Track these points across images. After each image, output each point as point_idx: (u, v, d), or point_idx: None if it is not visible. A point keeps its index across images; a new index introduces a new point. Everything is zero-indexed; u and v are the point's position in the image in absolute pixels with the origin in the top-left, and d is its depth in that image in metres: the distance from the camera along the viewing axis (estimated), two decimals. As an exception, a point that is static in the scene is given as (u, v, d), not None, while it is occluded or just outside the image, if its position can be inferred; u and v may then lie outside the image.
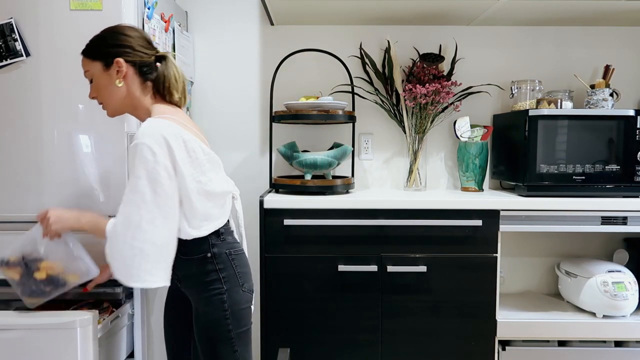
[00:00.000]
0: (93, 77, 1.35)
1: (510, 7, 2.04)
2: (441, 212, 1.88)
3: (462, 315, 1.90)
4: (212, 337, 1.36)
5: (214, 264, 1.37)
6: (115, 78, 1.33)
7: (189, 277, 1.38)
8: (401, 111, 2.26)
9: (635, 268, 2.09)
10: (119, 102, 1.36)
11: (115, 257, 1.27)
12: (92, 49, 1.35)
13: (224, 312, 1.36)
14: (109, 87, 1.34)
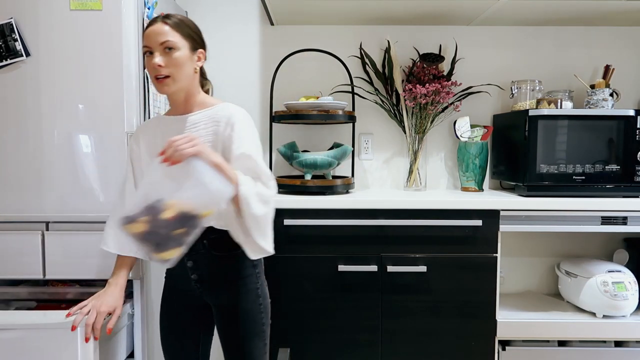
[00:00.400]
0: (175, 50, 1.33)
1: (510, 7, 2.04)
2: (441, 212, 1.88)
3: (462, 315, 1.90)
4: (248, 332, 1.39)
5: (250, 259, 1.39)
6: (194, 64, 1.38)
7: (223, 273, 1.40)
8: (401, 111, 2.26)
9: (635, 268, 2.09)
10: (185, 83, 1.37)
11: (268, 220, 1.31)
12: (185, 27, 1.37)
13: (259, 306, 1.41)
14: (185, 67, 1.35)
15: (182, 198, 1.20)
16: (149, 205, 1.19)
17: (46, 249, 1.63)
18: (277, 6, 2.06)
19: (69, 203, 1.62)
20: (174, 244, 1.19)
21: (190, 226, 1.19)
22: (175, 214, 1.19)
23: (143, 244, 1.20)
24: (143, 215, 1.19)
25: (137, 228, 1.20)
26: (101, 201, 1.62)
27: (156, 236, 1.19)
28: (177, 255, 1.20)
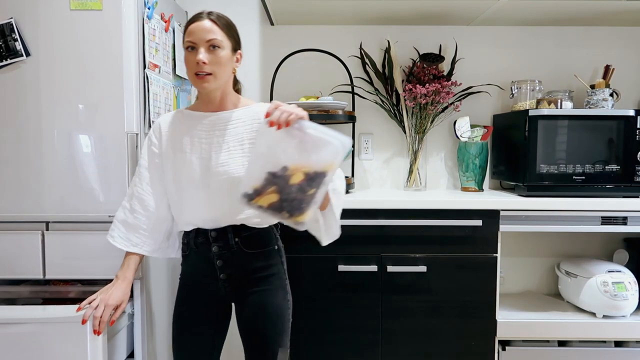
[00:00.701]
0: (220, 49, 1.34)
1: (510, 7, 2.04)
2: (441, 212, 1.88)
3: (462, 315, 1.90)
4: (277, 329, 1.40)
5: (279, 256, 1.44)
6: (233, 64, 1.40)
7: (254, 271, 1.40)
8: (401, 111, 2.26)
9: (635, 268, 2.09)
10: (224, 82, 1.38)
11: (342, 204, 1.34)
12: (230, 27, 1.39)
13: (287, 302, 1.43)
14: (227, 66, 1.36)
15: (303, 160, 1.19)
16: (272, 174, 1.18)
17: (46, 249, 1.63)
18: (277, 6, 2.06)
19: (69, 203, 1.62)
20: (307, 205, 1.18)
21: (319, 184, 1.18)
22: (303, 176, 1.18)
23: (276, 213, 1.20)
24: (269, 185, 1.19)
25: (268, 199, 1.20)
26: (101, 201, 1.61)
27: (289, 202, 1.18)
28: (310, 216, 1.20)
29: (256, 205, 1.20)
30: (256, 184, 1.19)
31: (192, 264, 1.45)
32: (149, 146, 1.44)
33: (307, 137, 1.19)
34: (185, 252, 1.47)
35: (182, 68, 2.05)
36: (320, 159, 1.18)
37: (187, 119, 1.42)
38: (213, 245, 1.40)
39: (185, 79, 2.13)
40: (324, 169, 1.18)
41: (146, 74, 1.67)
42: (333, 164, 1.18)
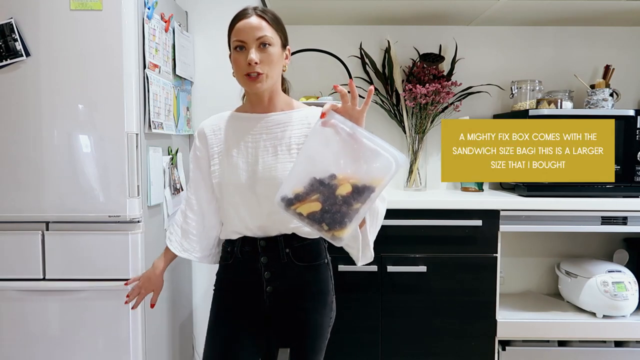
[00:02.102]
0: (271, 45, 1.25)
1: (510, 7, 2.04)
2: (441, 212, 1.88)
3: (462, 315, 1.90)
4: (316, 346, 1.31)
5: (328, 271, 1.34)
6: (283, 61, 1.32)
7: (303, 285, 1.30)
8: (401, 111, 2.26)
9: (635, 268, 2.09)
10: (275, 81, 1.30)
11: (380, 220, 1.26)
12: (278, 21, 1.30)
13: (329, 320, 1.34)
14: (279, 64, 1.29)
15: (354, 170, 1.09)
16: (318, 181, 1.09)
17: (46, 249, 1.63)
18: (277, 6, 2.06)
19: (69, 203, 1.61)
20: (349, 220, 1.09)
21: (365, 199, 1.08)
22: (350, 188, 1.08)
23: (314, 224, 1.10)
24: (313, 192, 1.09)
25: (309, 208, 1.10)
26: (101, 201, 1.61)
27: (331, 214, 1.09)
28: (351, 232, 1.11)
29: (295, 212, 1.11)
30: (298, 188, 1.10)
31: (234, 273, 1.35)
32: (194, 151, 1.38)
33: (360, 147, 1.10)
34: (227, 260, 1.36)
35: (182, 68, 2.05)
36: (370, 171, 1.09)
37: (233, 121, 1.34)
38: (262, 256, 1.30)
39: (186, 79, 2.13)
40: (373, 183, 1.08)
41: (146, 74, 1.67)
42: (383, 179, 1.08)
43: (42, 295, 1.65)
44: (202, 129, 1.38)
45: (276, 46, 1.26)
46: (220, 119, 1.36)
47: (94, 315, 1.63)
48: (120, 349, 1.65)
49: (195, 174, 1.39)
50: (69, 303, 1.64)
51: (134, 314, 1.65)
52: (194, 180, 1.39)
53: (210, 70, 2.32)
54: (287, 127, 1.30)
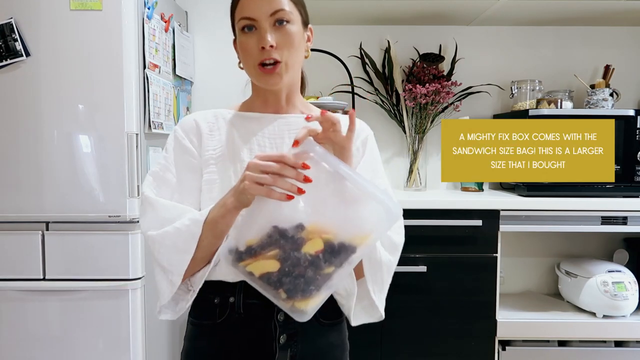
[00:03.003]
0: (290, 23, 0.94)
1: (510, 7, 2.04)
2: (441, 212, 1.88)
3: (462, 315, 1.90)
4: None
5: (346, 328, 1.07)
6: (304, 43, 0.99)
7: (328, 350, 1.02)
8: (401, 111, 2.26)
9: (635, 268, 2.09)
10: (297, 71, 0.99)
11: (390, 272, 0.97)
12: None
13: None
14: (300, 47, 0.96)
15: (330, 220, 0.81)
16: (279, 231, 0.81)
17: (46, 249, 1.63)
18: (277, 6, 2.05)
19: (69, 203, 1.61)
20: (315, 289, 0.81)
21: (341, 262, 0.81)
22: (322, 246, 0.80)
23: (269, 288, 0.82)
24: (271, 246, 0.81)
25: (263, 267, 0.81)
26: (101, 201, 1.61)
27: (293, 279, 0.80)
28: (318, 303, 0.82)
29: (244, 270, 0.82)
30: (253, 238, 0.82)
31: (227, 340, 0.94)
32: (180, 141, 1.00)
33: (342, 189, 0.81)
34: (211, 318, 0.95)
35: (182, 68, 2.05)
36: (353, 224, 0.82)
37: (238, 121, 1.01)
38: (278, 311, 0.92)
39: (186, 79, 2.12)
40: (354, 241, 0.81)
41: (146, 74, 1.67)
42: (369, 236, 0.82)
43: (42, 295, 1.65)
44: (194, 121, 1.01)
45: (296, 24, 0.95)
46: (217, 117, 1.02)
47: (94, 315, 1.63)
48: (120, 349, 1.65)
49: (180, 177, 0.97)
50: (69, 303, 1.64)
51: (134, 314, 1.65)
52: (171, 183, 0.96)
53: (210, 70, 2.32)
54: None
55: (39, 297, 1.65)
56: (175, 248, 0.88)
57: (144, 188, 0.96)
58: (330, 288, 0.82)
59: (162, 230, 0.90)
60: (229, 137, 0.99)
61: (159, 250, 0.90)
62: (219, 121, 1.02)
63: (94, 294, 1.63)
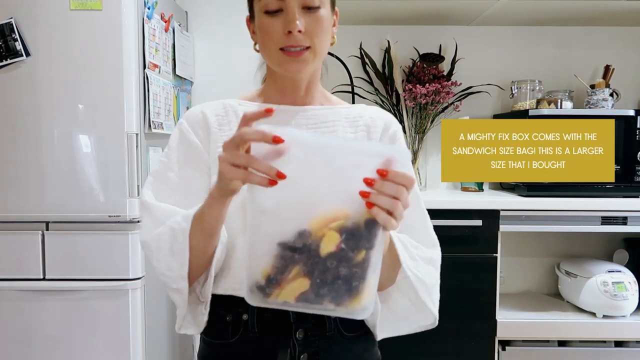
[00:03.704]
0: (321, 8, 0.84)
1: (510, 7, 2.04)
2: (441, 212, 1.88)
3: (462, 315, 1.90)
4: None
5: (376, 342, 0.99)
6: (331, 28, 0.89)
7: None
8: (401, 111, 2.26)
9: (635, 268, 2.09)
10: (322, 59, 0.90)
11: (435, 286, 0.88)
12: None
13: None
14: (328, 34, 0.87)
15: (330, 202, 0.70)
16: (286, 247, 0.70)
17: (46, 249, 1.63)
18: (277, 6, 2.05)
19: (69, 203, 1.62)
20: (359, 281, 0.71)
21: (371, 239, 0.70)
22: (339, 236, 0.69)
23: (315, 306, 0.72)
24: (289, 266, 0.71)
25: (294, 290, 0.71)
26: (101, 201, 1.61)
27: (330, 285, 0.70)
28: (372, 292, 0.72)
29: (279, 302, 0.72)
30: (266, 266, 0.71)
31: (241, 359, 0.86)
32: (187, 135, 0.90)
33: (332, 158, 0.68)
34: (225, 337, 0.87)
35: (182, 68, 2.04)
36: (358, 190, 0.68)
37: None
38: (297, 327, 0.84)
39: (186, 79, 2.12)
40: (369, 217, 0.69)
41: (146, 74, 1.67)
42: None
43: (42, 295, 1.65)
44: (202, 113, 0.91)
45: (326, 7, 0.85)
46: (226, 110, 0.92)
47: (94, 315, 1.63)
48: (120, 349, 1.65)
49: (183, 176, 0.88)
50: (69, 303, 1.64)
51: (134, 314, 1.65)
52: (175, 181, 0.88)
53: (210, 70, 2.32)
54: (336, 127, 0.91)
55: (39, 297, 1.65)
56: (172, 251, 0.80)
57: (143, 191, 0.88)
58: (375, 271, 0.71)
59: (156, 233, 0.82)
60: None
61: (156, 257, 0.82)
62: (229, 114, 0.91)
63: (94, 294, 1.63)
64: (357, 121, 0.92)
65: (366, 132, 0.91)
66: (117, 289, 1.62)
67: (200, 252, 0.80)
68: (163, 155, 0.89)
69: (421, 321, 0.93)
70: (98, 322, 1.64)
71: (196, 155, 0.88)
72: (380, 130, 0.92)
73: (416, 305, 0.91)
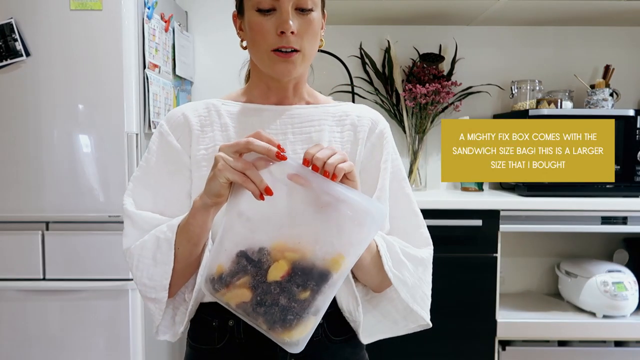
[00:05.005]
0: (313, 10, 0.84)
1: (510, 7, 2.04)
2: (441, 212, 1.88)
3: (462, 315, 1.90)
4: None
5: (364, 347, 0.98)
6: (321, 30, 0.88)
7: None
8: (401, 111, 2.26)
9: (635, 268, 2.09)
10: (311, 62, 0.89)
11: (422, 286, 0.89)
12: None
13: None
14: (317, 37, 0.87)
15: (295, 235, 0.71)
16: (245, 256, 0.72)
17: (46, 249, 1.63)
18: (277, 6, 2.06)
19: (69, 203, 1.62)
20: (295, 318, 0.71)
21: (320, 285, 0.70)
22: (287, 268, 0.70)
23: (249, 319, 0.74)
24: (239, 273, 0.72)
25: (237, 296, 0.73)
26: (101, 201, 1.61)
27: (267, 307, 0.72)
28: (306, 333, 0.73)
29: (223, 301, 0.75)
30: (222, 264, 0.73)
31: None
32: (166, 138, 0.88)
33: (312, 196, 0.70)
34: (210, 342, 0.87)
35: (182, 68, 2.04)
36: (325, 238, 0.70)
37: (238, 113, 0.90)
38: None
39: (185, 79, 2.12)
40: (327, 264, 0.70)
41: (146, 74, 1.67)
42: (342, 256, 0.71)
43: (42, 295, 1.65)
44: (182, 115, 0.88)
45: (317, 9, 0.85)
46: (209, 110, 0.89)
47: (94, 315, 1.63)
48: (120, 349, 1.65)
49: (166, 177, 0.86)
50: (69, 303, 1.64)
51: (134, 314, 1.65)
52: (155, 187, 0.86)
53: (210, 70, 2.32)
54: (322, 126, 0.89)
55: (38, 297, 1.65)
56: (154, 260, 0.80)
57: (124, 199, 0.86)
58: (317, 314, 0.72)
59: (140, 241, 0.82)
60: (223, 133, 0.87)
61: (137, 265, 0.81)
62: (211, 114, 0.89)
63: (94, 294, 1.63)
64: (343, 120, 0.91)
65: (353, 132, 0.90)
66: (117, 289, 1.62)
67: (184, 261, 0.81)
68: (143, 160, 0.88)
69: (410, 323, 0.92)
70: (98, 322, 1.64)
71: (176, 159, 0.87)
72: (367, 130, 0.90)
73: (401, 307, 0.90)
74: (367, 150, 0.90)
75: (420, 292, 0.88)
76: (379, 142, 0.90)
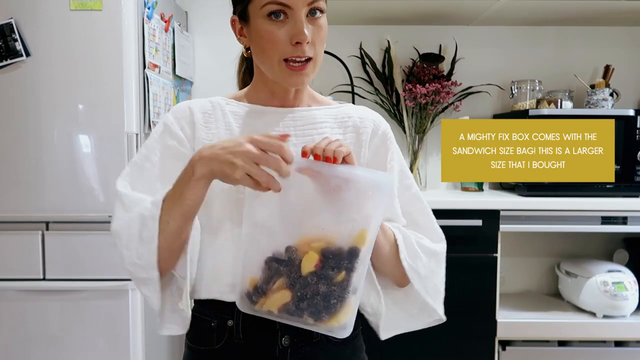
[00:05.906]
0: (324, 14, 0.82)
1: (510, 7, 2.04)
2: (441, 212, 1.87)
3: (462, 315, 1.90)
4: None
5: (362, 345, 0.98)
6: None
7: None
8: (401, 111, 2.26)
9: (635, 268, 2.09)
10: (320, 64, 0.88)
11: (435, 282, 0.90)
12: None
13: None
14: (325, 39, 0.86)
15: (315, 224, 0.74)
16: (274, 259, 0.75)
17: (46, 249, 1.63)
18: (277, 6, 2.05)
19: (69, 203, 1.62)
20: (338, 301, 0.74)
21: (352, 261, 0.74)
22: (318, 257, 0.73)
23: (296, 319, 0.76)
24: (274, 277, 0.75)
25: (277, 301, 0.75)
26: (101, 201, 1.61)
27: (309, 301, 0.74)
28: (351, 314, 0.76)
29: (264, 311, 0.77)
30: (254, 275, 0.76)
31: None
32: (168, 134, 0.86)
33: (323, 183, 0.73)
34: (208, 343, 0.85)
35: (182, 68, 2.04)
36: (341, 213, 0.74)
37: (242, 113, 0.90)
38: (282, 333, 0.83)
39: (185, 79, 2.12)
40: (355, 241, 0.73)
41: (146, 74, 1.67)
42: (365, 230, 0.73)
43: (42, 295, 1.65)
44: (188, 109, 0.88)
45: (325, 15, 0.83)
46: (214, 107, 0.90)
47: (94, 315, 1.64)
48: (120, 349, 1.65)
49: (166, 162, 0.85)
50: (69, 303, 1.64)
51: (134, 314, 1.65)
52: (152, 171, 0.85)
53: (210, 70, 2.32)
54: (323, 128, 0.90)
55: (38, 297, 1.65)
56: (140, 237, 0.77)
57: (118, 181, 0.84)
58: (356, 292, 0.75)
59: (125, 221, 0.79)
60: (227, 131, 0.87)
61: (126, 245, 0.78)
62: (216, 112, 0.89)
63: (94, 294, 1.63)
64: (345, 122, 0.91)
65: (355, 134, 0.90)
66: (117, 289, 1.62)
67: (173, 238, 0.77)
68: (142, 147, 0.87)
69: (426, 317, 0.91)
70: (98, 322, 1.64)
71: (178, 147, 0.85)
72: (370, 132, 0.91)
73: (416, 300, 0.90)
74: (371, 152, 0.90)
75: (431, 284, 0.88)
76: (383, 142, 0.91)
